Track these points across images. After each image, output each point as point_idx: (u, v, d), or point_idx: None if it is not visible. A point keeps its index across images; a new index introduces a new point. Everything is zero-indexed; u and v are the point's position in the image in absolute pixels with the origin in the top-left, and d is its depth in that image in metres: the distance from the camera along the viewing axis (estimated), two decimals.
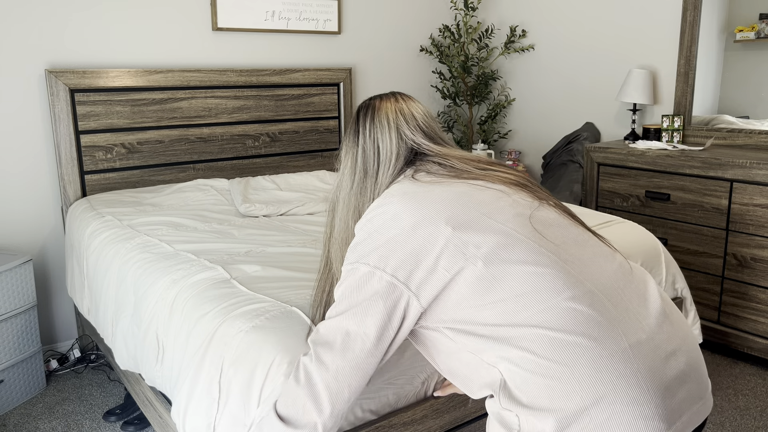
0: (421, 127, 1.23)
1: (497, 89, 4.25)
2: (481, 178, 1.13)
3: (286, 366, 1.35)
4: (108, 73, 2.89)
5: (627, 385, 0.91)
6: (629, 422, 0.89)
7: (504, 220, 1.04)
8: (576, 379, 0.91)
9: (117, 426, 2.42)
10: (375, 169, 1.20)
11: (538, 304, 0.96)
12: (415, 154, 1.21)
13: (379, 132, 1.21)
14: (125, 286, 1.98)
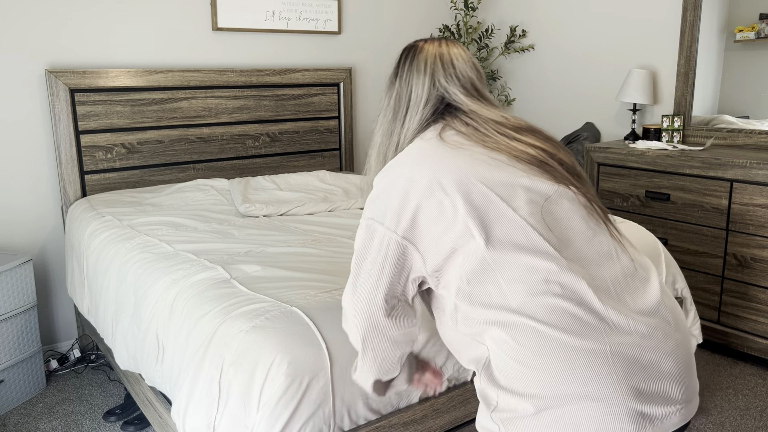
0: (458, 76, 1.19)
1: (497, 89, 4.25)
2: (503, 150, 1.09)
3: (286, 366, 1.35)
4: (108, 73, 2.89)
5: (599, 384, 0.94)
6: (597, 418, 0.93)
7: (516, 207, 1.02)
8: (550, 371, 0.95)
9: (117, 426, 2.42)
10: (404, 113, 1.18)
11: (528, 295, 0.98)
12: (446, 105, 1.18)
13: (414, 76, 1.19)
14: (125, 286, 1.98)
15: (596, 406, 0.94)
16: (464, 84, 1.19)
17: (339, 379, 1.41)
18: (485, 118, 1.14)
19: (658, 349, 0.99)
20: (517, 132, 1.13)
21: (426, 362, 1.36)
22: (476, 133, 1.11)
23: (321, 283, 1.66)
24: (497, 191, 1.03)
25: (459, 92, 1.18)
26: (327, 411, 1.40)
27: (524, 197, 1.03)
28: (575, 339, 0.96)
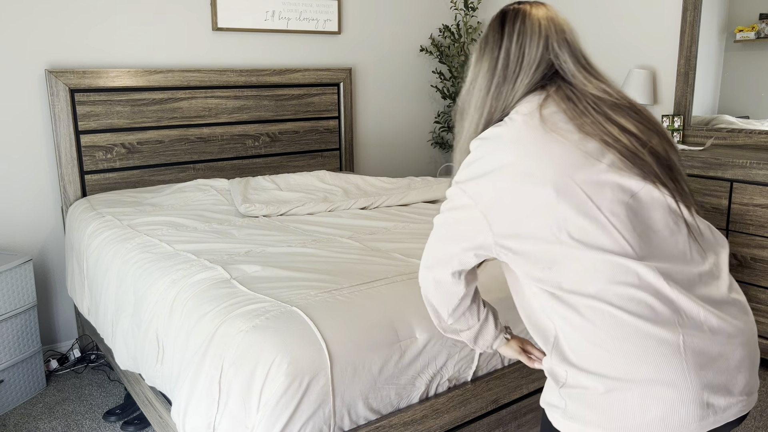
0: (568, 42, 1.18)
1: None
2: (597, 137, 1.08)
3: (286, 366, 1.35)
4: (108, 73, 2.89)
5: (671, 370, 0.99)
6: (665, 403, 0.98)
7: (601, 205, 1.04)
8: (626, 354, 0.99)
9: (117, 426, 2.42)
10: (515, 75, 1.16)
11: (606, 283, 1.02)
12: (554, 72, 1.17)
13: (528, 38, 1.16)
14: (125, 286, 1.98)
15: (665, 391, 0.98)
16: (574, 51, 1.18)
17: (339, 379, 1.41)
18: (587, 93, 1.13)
19: (727, 342, 1.03)
20: (615, 111, 1.11)
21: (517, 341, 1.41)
22: (575, 111, 1.10)
23: (321, 283, 1.66)
24: (585, 189, 1.04)
25: (569, 59, 1.17)
26: (327, 411, 1.40)
27: (610, 196, 1.04)
28: (650, 326, 0.99)
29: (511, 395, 1.78)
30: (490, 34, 1.20)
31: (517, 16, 1.18)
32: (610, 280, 1.01)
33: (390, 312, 1.55)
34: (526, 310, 1.14)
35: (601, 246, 1.02)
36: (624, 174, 1.06)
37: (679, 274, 1.04)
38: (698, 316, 1.02)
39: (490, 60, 1.18)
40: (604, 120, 1.09)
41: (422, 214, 2.52)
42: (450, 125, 4.17)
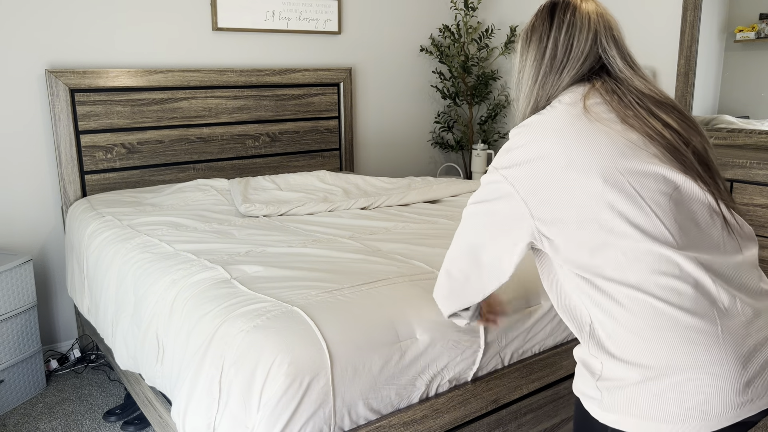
0: (615, 39, 1.20)
1: (497, 89, 4.25)
2: (640, 130, 1.10)
3: (287, 366, 1.35)
4: (108, 73, 2.89)
5: (710, 359, 1.01)
6: (704, 391, 1.00)
7: (645, 196, 1.06)
8: (665, 343, 1.02)
9: (117, 426, 2.42)
10: (562, 66, 1.19)
11: (648, 273, 1.04)
12: (600, 67, 1.19)
13: (577, 30, 1.19)
14: (125, 286, 1.98)
15: (705, 378, 1.00)
16: (621, 48, 1.20)
17: (340, 379, 1.41)
18: (631, 88, 1.15)
19: (761, 331, 1.06)
20: (658, 107, 1.13)
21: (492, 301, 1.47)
22: (620, 104, 1.12)
23: (322, 283, 1.66)
24: (629, 178, 1.06)
25: (617, 55, 1.19)
26: (327, 411, 1.40)
27: (654, 186, 1.06)
28: (689, 317, 1.02)
29: (511, 395, 1.78)
30: (538, 23, 1.24)
31: (568, 8, 1.20)
32: (651, 270, 1.03)
33: (390, 312, 1.55)
34: (562, 299, 1.16)
35: (644, 234, 1.04)
36: (666, 166, 1.08)
37: (717, 265, 1.07)
38: (736, 307, 1.05)
39: (537, 49, 1.21)
40: (647, 114, 1.11)
41: (422, 214, 2.52)
42: (450, 125, 4.17)
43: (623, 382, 1.05)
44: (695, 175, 1.10)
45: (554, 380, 1.89)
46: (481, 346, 1.66)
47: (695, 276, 1.04)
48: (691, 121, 1.16)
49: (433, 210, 2.59)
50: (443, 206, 2.66)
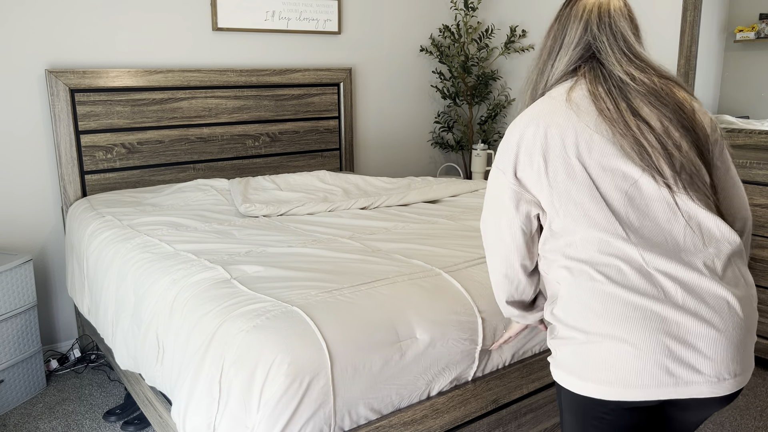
0: (611, 26, 1.26)
1: (497, 89, 4.25)
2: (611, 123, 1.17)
3: (287, 366, 1.35)
4: (108, 73, 2.89)
5: (633, 331, 1.10)
6: (626, 359, 1.10)
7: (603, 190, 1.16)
8: (597, 312, 1.13)
9: (117, 426, 2.42)
10: (556, 53, 1.28)
11: (596, 252, 1.15)
12: (591, 54, 1.26)
13: (571, 20, 1.27)
14: (125, 286, 1.98)
15: (630, 350, 1.10)
16: (615, 35, 1.26)
17: (340, 379, 1.41)
18: (618, 78, 1.21)
19: (701, 326, 1.10)
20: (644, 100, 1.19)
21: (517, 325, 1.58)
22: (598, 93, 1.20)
23: (322, 283, 1.66)
24: (590, 171, 1.16)
25: (606, 42, 1.25)
26: (327, 411, 1.40)
27: (611, 181, 1.16)
28: (624, 292, 1.12)
29: (511, 395, 1.78)
30: (554, 18, 1.33)
31: (570, 3, 1.30)
32: (599, 250, 1.15)
33: (390, 312, 1.55)
34: (545, 277, 1.28)
35: (596, 224, 1.15)
36: (628, 162, 1.15)
37: (666, 257, 1.13)
38: (676, 296, 1.11)
39: (545, 40, 1.32)
40: (625, 108, 1.18)
41: (422, 214, 2.52)
42: (450, 125, 4.17)
43: (568, 342, 1.17)
44: (655, 172, 1.15)
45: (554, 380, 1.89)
46: (481, 345, 1.66)
47: (639, 262, 1.12)
48: (681, 114, 1.18)
49: (433, 210, 2.59)
50: (443, 206, 2.66)
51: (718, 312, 1.11)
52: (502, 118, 4.25)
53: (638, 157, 1.14)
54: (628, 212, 1.15)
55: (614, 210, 1.14)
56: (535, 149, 1.19)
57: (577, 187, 1.16)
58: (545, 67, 1.30)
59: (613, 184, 1.15)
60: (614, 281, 1.12)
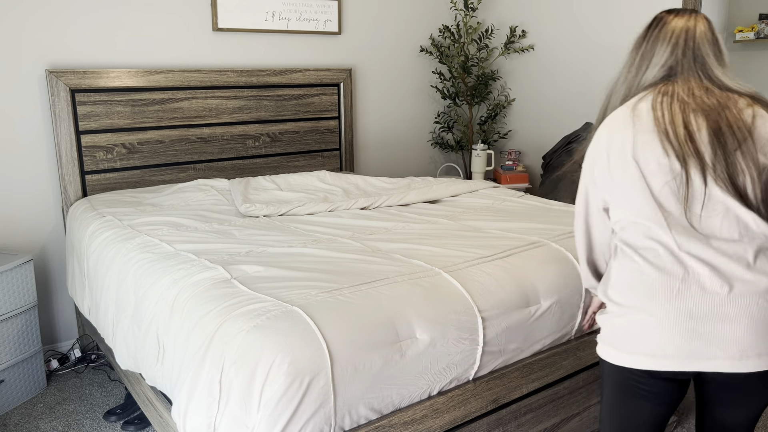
0: (694, 50, 1.40)
1: (497, 89, 4.25)
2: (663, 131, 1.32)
3: (287, 366, 1.35)
4: (108, 73, 2.89)
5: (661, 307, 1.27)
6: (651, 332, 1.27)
7: (651, 184, 1.31)
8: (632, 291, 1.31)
9: (117, 426, 2.42)
10: (644, 71, 1.44)
11: (640, 236, 1.33)
12: (672, 73, 1.41)
13: (659, 42, 1.42)
14: (126, 285, 1.98)
15: (653, 322, 1.26)
16: (696, 58, 1.40)
17: (340, 379, 1.41)
18: (684, 95, 1.36)
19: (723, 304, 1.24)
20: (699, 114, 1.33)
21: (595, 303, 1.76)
22: (661, 108, 1.35)
23: (322, 283, 1.66)
24: (643, 169, 1.32)
25: (686, 66, 1.40)
26: (328, 410, 1.40)
27: (659, 178, 1.31)
28: (656, 272, 1.29)
29: (511, 395, 1.78)
30: (639, 36, 1.48)
31: (658, 24, 1.44)
32: (643, 235, 1.32)
33: (390, 312, 1.55)
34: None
35: (642, 214, 1.32)
36: (674, 160, 1.30)
37: (700, 243, 1.28)
38: (704, 278, 1.26)
39: (632, 57, 1.47)
40: (679, 119, 1.33)
41: (422, 214, 2.52)
42: (450, 125, 4.18)
43: (607, 317, 1.35)
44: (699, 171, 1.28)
45: (554, 380, 1.89)
46: (481, 345, 1.67)
47: (672, 248, 1.28)
48: (740, 125, 1.31)
49: (433, 210, 2.59)
50: (443, 206, 2.66)
51: (744, 295, 1.24)
52: (502, 119, 4.26)
53: (683, 157, 1.29)
54: (671, 204, 1.30)
55: (659, 202, 1.30)
56: (604, 153, 1.38)
57: (630, 182, 1.32)
58: (633, 82, 1.45)
59: (661, 179, 1.30)
60: (650, 262, 1.30)
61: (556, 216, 2.35)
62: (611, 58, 3.58)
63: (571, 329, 1.91)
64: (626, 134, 1.35)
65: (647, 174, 1.31)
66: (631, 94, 1.45)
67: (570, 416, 1.97)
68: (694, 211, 1.29)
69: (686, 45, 1.40)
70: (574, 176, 3.53)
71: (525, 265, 1.87)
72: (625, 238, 1.36)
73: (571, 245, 2.02)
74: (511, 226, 2.24)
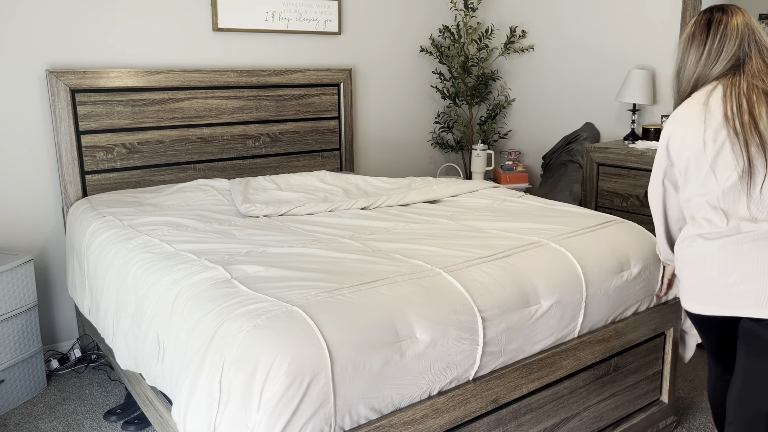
0: (756, 41, 1.64)
1: (497, 89, 4.25)
2: (732, 122, 1.56)
3: (287, 366, 1.35)
4: (109, 73, 2.89)
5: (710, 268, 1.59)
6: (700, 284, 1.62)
7: (717, 173, 1.58)
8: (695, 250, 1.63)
9: (118, 426, 2.42)
10: (713, 65, 1.66)
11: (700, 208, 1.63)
12: (738, 63, 1.63)
13: (727, 39, 1.64)
14: (126, 285, 1.98)
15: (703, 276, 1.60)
16: (759, 47, 1.64)
17: (340, 379, 1.42)
18: (749, 85, 1.59)
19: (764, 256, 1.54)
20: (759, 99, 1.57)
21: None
22: (730, 97, 1.59)
23: (322, 283, 1.66)
24: (709, 155, 1.58)
25: (752, 54, 1.64)
26: (328, 410, 1.40)
27: (723, 165, 1.57)
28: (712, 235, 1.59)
29: (511, 395, 1.78)
30: (698, 32, 1.69)
31: (721, 23, 1.65)
32: (705, 205, 1.61)
33: (390, 312, 1.55)
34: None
35: (706, 192, 1.60)
36: (737, 148, 1.55)
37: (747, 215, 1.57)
38: (747, 237, 1.55)
39: (697, 53, 1.68)
40: (747, 111, 1.56)
41: (422, 214, 2.53)
42: (450, 125, 4.18)
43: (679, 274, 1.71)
44: (752, 157, 1.53)
45: (554, 380, 1.90)
46: (481, 345, 1.67)
47: (725, 216, 1.58)
48: None
49: (433, 210, 2.59)
50: (443, 206, 2.66)
51: None
52: (502, 119, 4.26)
53: (745, 147, 1.54)
54: (729, 183, 1.56)
55: (720, 182, 1.57)
56: (678, 140, 1.64)
57: (698, 166, 1.59)
58: (699, 75, 1.67)
59: (724, 165, 1.56)
60: (706, 228, 1.60)
61: (556, 216, 2.35)
62: (611, 58, 3.59)
63: (572, 329, 1.92)
64: (698, 126, 1.59)
65: (714, 162, 1.56)
66: (699, 84, 1.67)
67: (570, 416, 1.97)
68: (754, 193, 1.55)
69: (750, 37, 1.63)
70: (572, 176, 3.53)
71: (525, 265, 1.87)
72: (690, 211, 1.65)
73: (571, 245, 2.02)
74: (511, 226, 2.24)
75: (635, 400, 2.20)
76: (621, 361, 2.10)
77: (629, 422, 2.18)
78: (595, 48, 3.66)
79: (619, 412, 2.14)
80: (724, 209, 1.59)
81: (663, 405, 2.29)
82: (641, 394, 2.21)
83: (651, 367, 2.22)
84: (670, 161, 1.70)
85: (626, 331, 2.07)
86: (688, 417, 2.46)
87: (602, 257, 2.02)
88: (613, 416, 2.13)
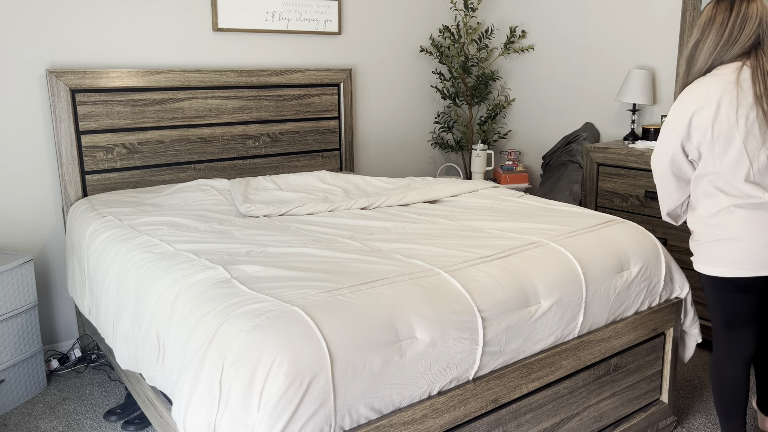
0: None
1: (497, 89, 4.25)
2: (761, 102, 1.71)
3: (287, 365, 1.35)
4: (109, 73, 2.89)
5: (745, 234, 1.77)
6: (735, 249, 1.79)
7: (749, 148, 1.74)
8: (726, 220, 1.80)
9: (118, 425, 2.42)
10: (733, 44, 1.77)
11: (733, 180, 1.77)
12: (758, 43, 1.77)
13: (748, 18, 1.75)
14: (126, 285, 1.98)
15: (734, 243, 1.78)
16: None
17: (340, 379, 1.42)
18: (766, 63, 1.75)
19: None
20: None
21: None
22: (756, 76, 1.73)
23: (322, 283, 1.66)
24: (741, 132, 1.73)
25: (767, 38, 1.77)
26: (328, 410, 1.40)
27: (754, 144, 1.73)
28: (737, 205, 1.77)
29: (511, 395, 1.78)
30: (719, 11, 1.79)
31: (742, 5, 1.77)
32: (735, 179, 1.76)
33: (390, 312, 1.55)
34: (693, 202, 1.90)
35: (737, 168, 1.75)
36: (762, 129, 1.72)
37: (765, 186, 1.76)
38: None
39: (718, 31, 1.78)
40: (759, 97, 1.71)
41: (422, 214, 2.53)
42: (450, 125, 4.18)
43: (699, 243, 1.86)
44: None
45: (554, 380, 1.90)
46: (481, 345, 1.67)
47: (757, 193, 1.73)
48: None
49: (433, 210, 2.59)
50: (443, 206, 2.66)
51: None
52: (502, 119, 4.26)
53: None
54: (755, 161, 1.72)
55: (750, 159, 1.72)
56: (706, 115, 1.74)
57: (728, 142, 1.72)
58: (720, 53, 1.78)
59: (753, 142, 1.71)
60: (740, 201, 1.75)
61: (556, 216, 2.35)
62: (611, 58, 3.59)
63: (572, 329, 1.92)
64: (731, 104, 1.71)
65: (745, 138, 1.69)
66: (715, 64, 1.79)
67: (570, 416, 1.97)
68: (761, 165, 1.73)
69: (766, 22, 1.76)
70: (572, 176, 3.53)
71: (525, 265, 1.87)
72: (717, 185, 1.78)
73: (571, 245, 2.02)
74: (511, 226, 2.24)
75: (635, 400, 2.20)
76: (621, 361, 2.10)
77: (629, 422, 2.18)
78: (595, 48, 3.66)
79: (618, 412, 2.15)
80: (760, 183, 1.74)
81: (663, 405, 2.29)
82: (641, 394, 2.21)
83: (651, 367, 2.22)
84: (688, 134, 1.79)
85: (626, 331, 2.07)
86: (688, 417, 2.46)
87: (602, 257, 2.02)
88: (612, 416, 2.13)
